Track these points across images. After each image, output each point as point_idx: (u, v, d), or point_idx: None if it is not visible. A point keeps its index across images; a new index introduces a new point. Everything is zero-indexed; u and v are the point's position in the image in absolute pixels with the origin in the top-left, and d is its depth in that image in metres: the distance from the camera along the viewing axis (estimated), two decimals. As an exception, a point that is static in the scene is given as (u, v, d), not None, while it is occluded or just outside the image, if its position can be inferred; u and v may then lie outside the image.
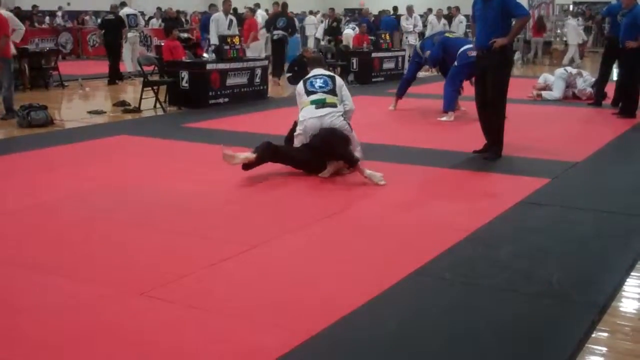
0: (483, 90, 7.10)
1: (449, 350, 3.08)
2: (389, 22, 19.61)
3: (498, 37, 6.81)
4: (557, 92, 12.05)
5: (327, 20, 20.83)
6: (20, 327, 3.25)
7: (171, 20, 17.30)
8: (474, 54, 9.53)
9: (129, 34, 15.10)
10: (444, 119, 9.80)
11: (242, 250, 4.30)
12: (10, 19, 11.46)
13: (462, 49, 9.74)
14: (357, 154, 6.32)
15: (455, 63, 9.90)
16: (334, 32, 18.85)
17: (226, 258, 4.17)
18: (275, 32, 16.09)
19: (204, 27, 14.66)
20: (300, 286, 3.80)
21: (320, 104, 6.36)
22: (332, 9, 21.17)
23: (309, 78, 6.67)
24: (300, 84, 6.67)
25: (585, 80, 12.08)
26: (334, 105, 6.39)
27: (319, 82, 6.57)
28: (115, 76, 14.53)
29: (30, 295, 3.64)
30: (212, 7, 16.58)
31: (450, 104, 9.96)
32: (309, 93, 6.48)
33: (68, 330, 3.23)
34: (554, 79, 12.34)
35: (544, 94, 12.19)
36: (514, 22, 7.01)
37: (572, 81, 12.12)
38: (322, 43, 18.36)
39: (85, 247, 4.37)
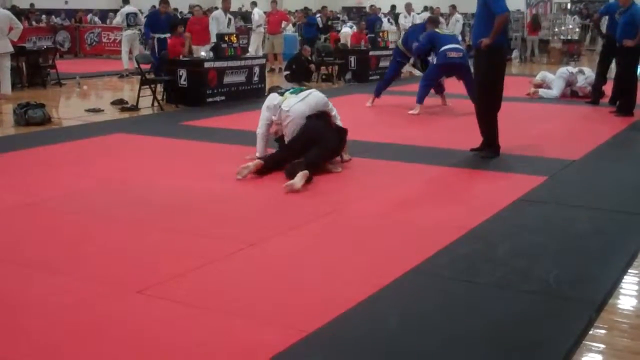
0: None
1: (446, 348, 3.09)
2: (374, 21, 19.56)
3: (484, 36, 6.79)
4: (555, 91, 12.03)
5: (319, 18, 20.78)
6: (18, 325, 3.25)
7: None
8: (453, 54, 9.78)
9: (128, 32, 15.08)
10: (411, 112, 9.99)
11: (240, 248, 4.30)
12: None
13: (443, 48, 9.88)
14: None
15: (434, 61, 10.08)
16: (328, 30, 18.81)
17: (224, 256, 4.18)
18: None
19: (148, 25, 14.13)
20: (298, 284, 3.80)
21: (299, 90, 6.69)
22: (325, 7, 21.09)
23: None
24: (272, 94, 6.83)
25: (587, 77, 12.01)
26: (310, 88, 6.80)
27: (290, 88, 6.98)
28: None
29: (28, 293, 3.63)
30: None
31: (420, 98, 10.12)
32: (282, 94, 6.71)
33: (66, 328, 3.23)
34: (554, 78, 12.29)
35: (541, 92, 12.18)
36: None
37: (573, 80, 12.08)
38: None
39: (83, 245, 4.37)
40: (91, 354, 2.98)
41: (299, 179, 5.65)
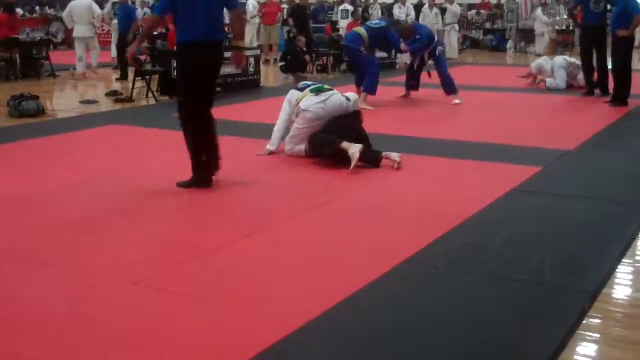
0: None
1: (442, 337, 3.10)
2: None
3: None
4: (561, 82, 11.83)
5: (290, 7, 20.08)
6: (14, 319, 3.25)
7: None
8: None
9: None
10: (457, 101, 10.05)
11: (236, 239, 4.30)
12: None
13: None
14: None
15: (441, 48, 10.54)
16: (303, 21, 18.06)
17: (220, 246, 4.18)
18: None
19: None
20: (293, 274, 3.80)
21: (318, 90, 6.45)
22: None
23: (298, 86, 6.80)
24: (292, 90, 6.74)
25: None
26: (331, 90, 6.51)
27: (310, 83, 6.77)
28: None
29: (23, 286, 3.63)
30: None
31: (454, 87, 10.27)
32: (302, 90, 6.57)
33: (62, 321, 3.23)
34: (554, 69, 12.14)
35: (549, 83, 12.01)
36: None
37: (572, 71, 11.96)
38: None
39: (78, 238, 4.37)
40: (87, 346, 2.98)
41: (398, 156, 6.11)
